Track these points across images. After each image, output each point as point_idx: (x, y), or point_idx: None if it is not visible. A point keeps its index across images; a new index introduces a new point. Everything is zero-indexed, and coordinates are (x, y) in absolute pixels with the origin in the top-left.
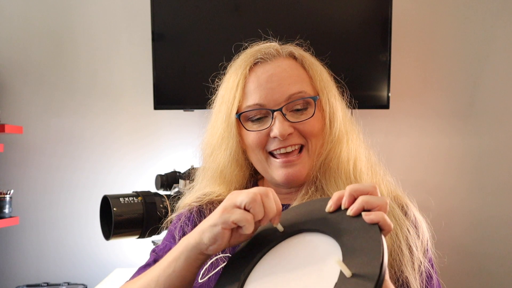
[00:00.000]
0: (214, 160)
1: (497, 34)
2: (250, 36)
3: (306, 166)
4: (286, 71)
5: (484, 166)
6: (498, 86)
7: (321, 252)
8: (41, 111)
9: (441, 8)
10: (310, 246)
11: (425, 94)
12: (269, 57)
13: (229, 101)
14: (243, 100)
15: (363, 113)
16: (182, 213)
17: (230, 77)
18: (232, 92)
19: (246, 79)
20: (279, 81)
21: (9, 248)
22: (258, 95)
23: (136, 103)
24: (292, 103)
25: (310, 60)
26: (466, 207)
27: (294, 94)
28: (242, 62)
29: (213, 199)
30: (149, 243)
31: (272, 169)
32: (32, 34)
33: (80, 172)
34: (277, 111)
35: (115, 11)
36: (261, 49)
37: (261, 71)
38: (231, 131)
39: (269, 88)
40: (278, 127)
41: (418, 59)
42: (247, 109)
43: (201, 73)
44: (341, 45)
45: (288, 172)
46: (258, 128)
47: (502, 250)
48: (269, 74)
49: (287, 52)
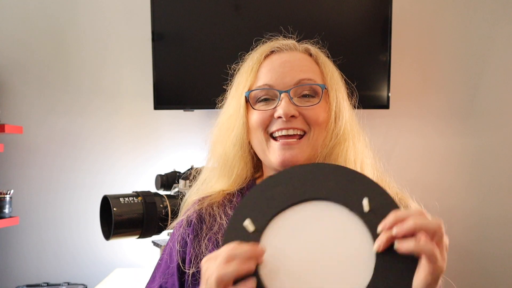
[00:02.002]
0: (220, 142)
1: (497, 34)
2: (250, 36)
3: (305, 153)
4: (300, 60)
5: (483, 166)
6: (498, 86)
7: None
8: (41, 111)
9: (441, 8)
10: (340, 223)
11: (425, 94)
12: (286, 48)
13: (241, 83)
14: (254, 82)
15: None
16: (182, 221)
17: (246, 63)
18: (245, 75)
19: (260, 64)
20: (291, 67)
21: (9, 248)
22: (269, 77)
23: (136, 103)
24: (300, 87)
25: (325, 58)
26: (465, 207)
27: (303, 79)
28: (259, 50)
29: (212, 202)
30: (149, 243)
31: (270, 151)
32: (32, 34)
33: (80, 172)
34: (284, 92)
35: (115, 11)
36: (279, 41)
37: (275, 57)
38: (239, 110)
39: (280, 71)
40: (283, 107)
41: (418, 59)
42: (256, 88)
43: (201, 73)
44: (341, 45)
45: (285, 155)
46: (264, 108)
47: (501, 250)
48: (283, 60)
49: (304, 47)
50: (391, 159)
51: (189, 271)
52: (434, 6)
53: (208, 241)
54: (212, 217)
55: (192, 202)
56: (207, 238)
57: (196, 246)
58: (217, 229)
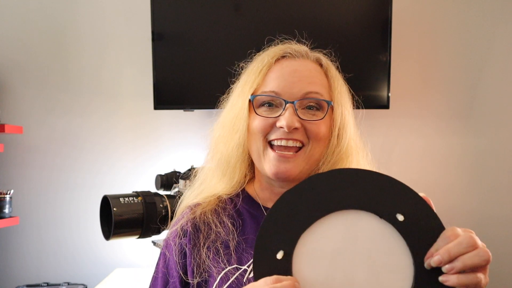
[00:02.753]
0: (224, 142)
1: (497, 34)
2: (250, 36)
3: (299, 166)
4: (310, 71)
5: (483, 166)
6: (498, 86)
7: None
8: (41, 111)
9: (441, 8)
10: (380, 235)
11: (425, 94)
12: (297, 54)
13: (248, 84)
14: (261, 85)
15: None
16: (176, 231)
17: (255, 64)
18: (253, 76)
19: (270, 67)
20: (301, 77)
21: (9, 248)
22: (277, 84)
23: (136, 103)
24: (306, 100)
25: (335, 71)
26: (465, 207)
27: (310, 92)
28: (270, 53)
29: (205, 210)
30: (149, 243)
31: (266, 160)
32: (32, 34)
33: (80, 172)
34: (290, 103)
35: (115, 11)
36: (291, 47)
37: (286, 63)
38: (244, 112)
39: (289, 81)
40: (287, 118)
41: (418, 59)
42: (263, 94)
43: (201, 73)
44: (341, 45)
45: (280, 167)
46: (267, 115)
47: (501, 250)
48: (293, 69)
49: (315, 57)
50: (391, 159)
51: (193, 281)
52: (434, 6)
53: (207, 249)
54: (207, 226)
55: (183, 209)
56: (206, 247)
57: (196, 255)
58: (215, 238)
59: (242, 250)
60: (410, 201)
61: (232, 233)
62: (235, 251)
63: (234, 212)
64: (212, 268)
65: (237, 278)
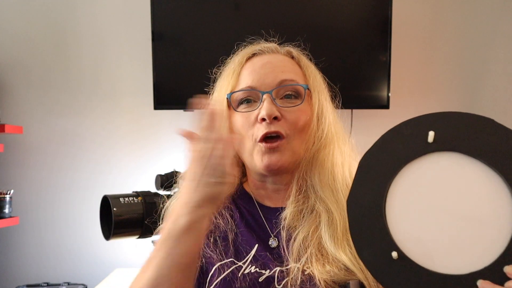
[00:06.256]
0: None
1: (497, 34)
2: (250, 35)
3: (286, 155)
4: (281, 62)
5: None
6: (498, 86)
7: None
8: (41, 111)
9: (441, 8)
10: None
11: (425, 94)
12: (267, 50)
13: (224, 87)
14: (236, 85)
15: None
16: None
17: (228, 67)
18: (227, 78)
19: (242, 67)
20: (273, 68)
21: (9, 248)
22: (251, 79)
23: (136, 103)
24: (282, 88)
25: (306, 61)
26: None
27: (285, 80)
28: (240, 53)
29: None
30: (149, 243)
31: (256, 156)
32: (32, 35)
33: (80, 172)
34: (266, 93)
35: (115, 11)
36: (260, 44)
37: (257, 59)
38: (222, 114)
39: (262, 73)
40: (266, 108)
41: (418, 59)
42: (238, 90)
43: (201, 73)
44: (341, 45)
45: (271, 159)
46: (247, 110)
47: None
48: (265, 61)
49: (286, 50)
50: None
51: None
52: (434, 6)
53: (207, 238)
54: None
55: None
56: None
57: None
58: (213, 229)
59: (239, 243)
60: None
61: (230, 225)
62: (233, 243)
63: (233, 206)
64: (214, 257)
65: (232, 272)
